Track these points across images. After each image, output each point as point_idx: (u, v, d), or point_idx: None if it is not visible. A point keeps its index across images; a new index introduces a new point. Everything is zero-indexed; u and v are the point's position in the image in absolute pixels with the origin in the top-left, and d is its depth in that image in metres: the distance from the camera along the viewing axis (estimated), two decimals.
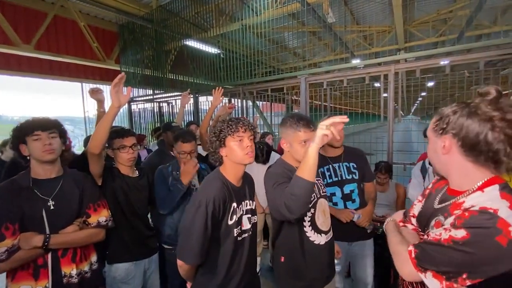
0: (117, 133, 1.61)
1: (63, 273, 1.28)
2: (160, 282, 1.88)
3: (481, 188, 0.77)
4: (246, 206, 1.29)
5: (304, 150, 1.17)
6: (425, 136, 2.09)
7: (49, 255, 1.26)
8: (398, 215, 1.09)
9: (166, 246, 1.91)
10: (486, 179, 0.77)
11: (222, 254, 1.20)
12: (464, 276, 0.69)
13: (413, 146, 3.53)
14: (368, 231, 1.83)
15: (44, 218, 1.24)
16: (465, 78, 2.98)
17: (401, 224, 1.04)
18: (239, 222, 1.23)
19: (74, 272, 1.30)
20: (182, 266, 1.18)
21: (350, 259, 1.93)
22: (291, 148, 1.33)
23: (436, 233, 0.77)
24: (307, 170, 1.04)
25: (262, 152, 2.74)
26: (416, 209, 1.01)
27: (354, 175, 1.82)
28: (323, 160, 1.85)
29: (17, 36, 4.69)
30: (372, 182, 1.94)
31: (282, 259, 1.39)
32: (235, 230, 1.20)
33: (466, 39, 5.84)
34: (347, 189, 1.81)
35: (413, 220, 1.00)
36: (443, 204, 0.85)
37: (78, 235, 1.32)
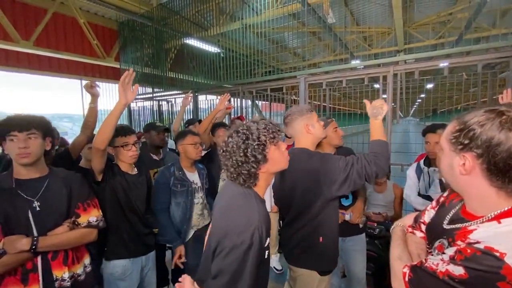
0: (119, 131, 1.62)
1: (54, 276, 1.21)
2: (157, 280, 1.89)
3: (498, 217, 0.64)
4: None
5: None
6: (423, 135, 2.12)
7: (39, 259, 1.19)
8: (409, 219, 1.01)
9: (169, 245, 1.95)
10: (508, 208, 0.64)
11: (260, 282, 1.00)
12: None
13: (411, 147, 3.55)
14: (361, 225, 1.90)
15: (31, 220, 1.18)
16: (463, 80, 3.00)
17: (409, 230, 0.97)
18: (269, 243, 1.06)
19: (66, 275, 1.23)
20: None
21: (343, 255, 1.95)
22: (319, 133, 1.52)
23: (434, 262, 0.69)
24: (382, 133, 1.41)
25: None
26: (427, 216, 0.93)
27: None
28: None
29: (17, 32, 4.66)
30: None
31: (321, 239, 1.41)
32: (266, 252, 1.00)
33: (465, 41, 5.87)
34: None
35: (423, 227, 0.93)
36: (452, 226, 0.76)
37: (68, 236, 1.25)
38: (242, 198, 0.98)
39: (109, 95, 6.66)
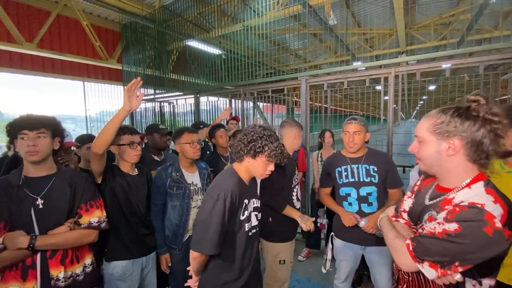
0: (125, 130, 1.64)
1: (50, 275, 1.23)
2: (157, 281, 1.89)
3: (469, 185, 0.86)
4: (254, 204, 1.37)
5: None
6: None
7: (38, 256, 1.21)
8: (390, 210, 1.20)
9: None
10: (473, 177, 0.87)
11: (236, 248, 1.27)
12: (457, 263, 0.78)
13: None
14: (378, 236, 1.73)
15: (33, 218, 1.21)
16: (465, 82, 2.99)
17: (393, 219, 1.13)
18: (249, 218, 1.32)
19: (61, 275, 1.24)
20: (197, 258, 1.22)
21: (369, 265, 1.86)
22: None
23: (430, 227, 0.85)
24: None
25: None
26: (406, 204, 1.11)
27: (373, 178, 1.77)
28: (342, 160, 1.86)
29: (20, 34, 4.71)
30: (397, 189, 1.81)
31: (270, 219, 1.86)
32: (246, 225, 1.30)
33: (467, 43, 5.85)
34: (363, 191, 1.78)
35: (404, 215, 1.10)
36: (434, 201, 0.94)
37: (67, 236, 1.26)
38: (223, 173, 1.35)
39: (111, 96, 6.69)
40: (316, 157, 3.33)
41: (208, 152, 2.90)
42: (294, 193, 2.00)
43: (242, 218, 1.28)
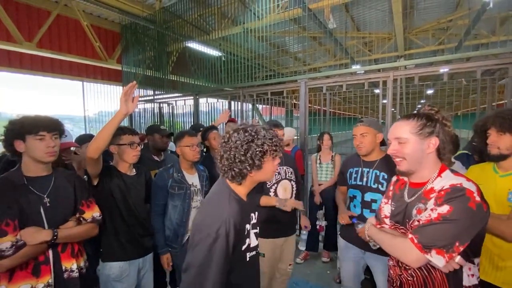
0: (124, 131, 1.65)
1: (64, 267, 1.29)
2: (154, 281, 1.88)
3: (439, 174, 1.02)
4: (252, 220, 1.11)
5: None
6: None
7: (50, 251, 1.26)
8: (372, 219, 1.26)
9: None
10: (439, 168, 1.03)
11: (239, 285, 1.03)
12: (457, 244, 0.86)
13: None
14: (373, 247, 1.60)
15: (43, 215, 1.25)
16: (462, 86, 3.02)
17: (378, 226, 1.19)
18: (250, 243, 1.07)
19: (74, 266, 1.32)
20: None
21: (372, 270, 1.83)
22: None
23: (426, 216, 0.93)
24: None
25: None
26: (386, 210, 1.18)
27: (380, 186, 1.71)
28: (356, 161, 1.86)
29: (20, 33, 4.70)
30: None
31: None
32: (247, 254, 1.05)
33: (464, 48, 5.91)
34: (367, 196, 1.75)
35: (386, 220, 1.16)
36: (415, 196, 1.05)
37: (79, 229, 1.35)
38: (217, 196, 1.02)
39: (110, 97, 6.68)
40: (314, 159, 3.34)
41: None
42: (273, 190, 1.94)
43: (243, 248, 1.02)
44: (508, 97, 2.49)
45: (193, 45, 4.89)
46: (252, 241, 1.08)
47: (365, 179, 1.78)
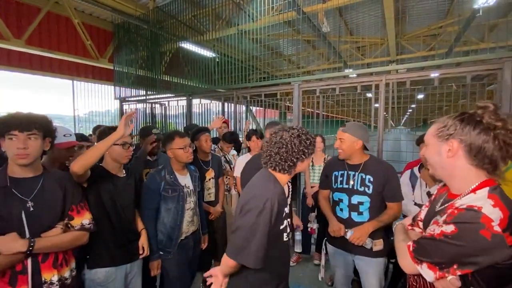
0: None
1: (43, 279, 1.17)
2: (142, 285, 1.82)
3: (474, 190, 0.85)
4: (287, 210, 1.29)
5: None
6: (417, 145, 2.13)
7: (29, 260, 1.15)
8: (408, 219, 1.19)
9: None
10: (479, 182, 0.85)
11: (276, 258, 1.21)
12: (455, 266, 0.79)
13: (402, 155, 3.59)
14: (367, 247, 1.68)
15: (24, 221, 1.14)
16: (452, 91, 3.07)
17: (409, 228, 1.13)
18: (286, 226, 1.26)
19: (55, 278, 1.20)
20: (234, 267, 1.15)
21: (359, 273, 1.83)
22: None
23: (430, 229, 0.89)
24: None
25: None
26: (423, 213, 1.10)
27: (367, 189, 1.72)
28: (341, 164, 1.84)
29: (8, 30, 4.59)
30: (395, 203, 1.72)
31: None
32: (285, 234, 1.25)
33: (455, 54, 6.05)
34: (354, 199, 1.75)
35: (421, 224, 1.08)
36: (443, 206, 0.95)
37: (62, 238, 1.23)
38: (263, 179, 1.22)
39: (101, 96, 6.56)
40: None
41: None
42: None
43: (281, 227, 1.21)
44: (497, 102, 2.54)
45: (187, 46, 4.85)
46: (287, 226, 1.26)
47: (351, 182, 1.77)
